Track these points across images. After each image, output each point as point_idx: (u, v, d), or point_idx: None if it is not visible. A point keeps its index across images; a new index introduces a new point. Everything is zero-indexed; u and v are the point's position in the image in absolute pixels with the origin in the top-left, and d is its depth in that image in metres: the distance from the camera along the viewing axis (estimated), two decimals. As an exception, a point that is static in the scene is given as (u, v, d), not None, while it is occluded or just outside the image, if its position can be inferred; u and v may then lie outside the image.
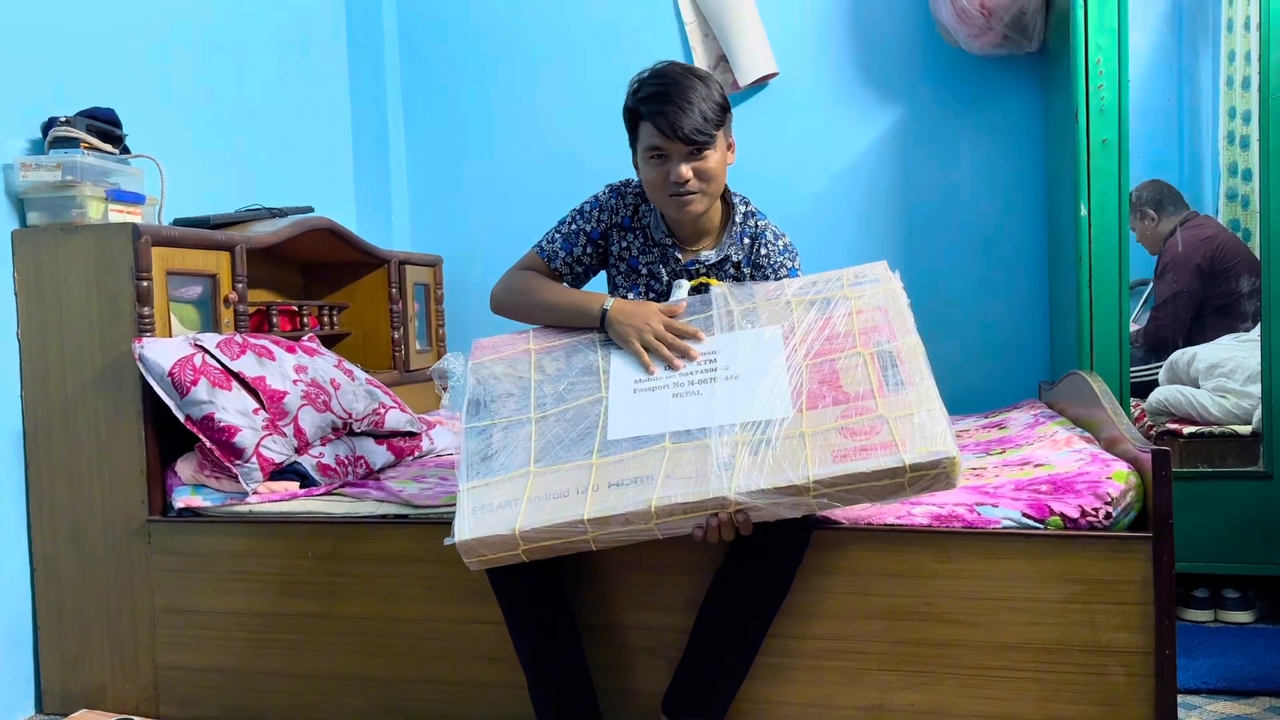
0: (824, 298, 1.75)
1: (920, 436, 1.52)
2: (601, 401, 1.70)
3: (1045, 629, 1.66)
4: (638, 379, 1.72)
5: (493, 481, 1.62)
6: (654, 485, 1.54)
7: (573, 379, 1.75)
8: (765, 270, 1.90)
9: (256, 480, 2.03)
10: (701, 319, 1.78)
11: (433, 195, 3.60)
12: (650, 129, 1.77)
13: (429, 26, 3.56)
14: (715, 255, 1.90)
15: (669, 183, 1.78)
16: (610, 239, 1.95)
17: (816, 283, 1.78)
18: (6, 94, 2.09)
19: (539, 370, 1.79)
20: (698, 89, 1.76)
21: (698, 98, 1.75)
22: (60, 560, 2.11)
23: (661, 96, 1.75)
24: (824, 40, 3.27)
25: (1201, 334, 2.84)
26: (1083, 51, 2.49)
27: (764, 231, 1.91)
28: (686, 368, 1.71)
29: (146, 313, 2.05)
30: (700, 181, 1.79)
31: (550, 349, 1.82)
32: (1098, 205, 2.50)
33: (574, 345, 1.81)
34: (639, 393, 1.69)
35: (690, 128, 1.73)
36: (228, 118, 2.80)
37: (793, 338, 1.70)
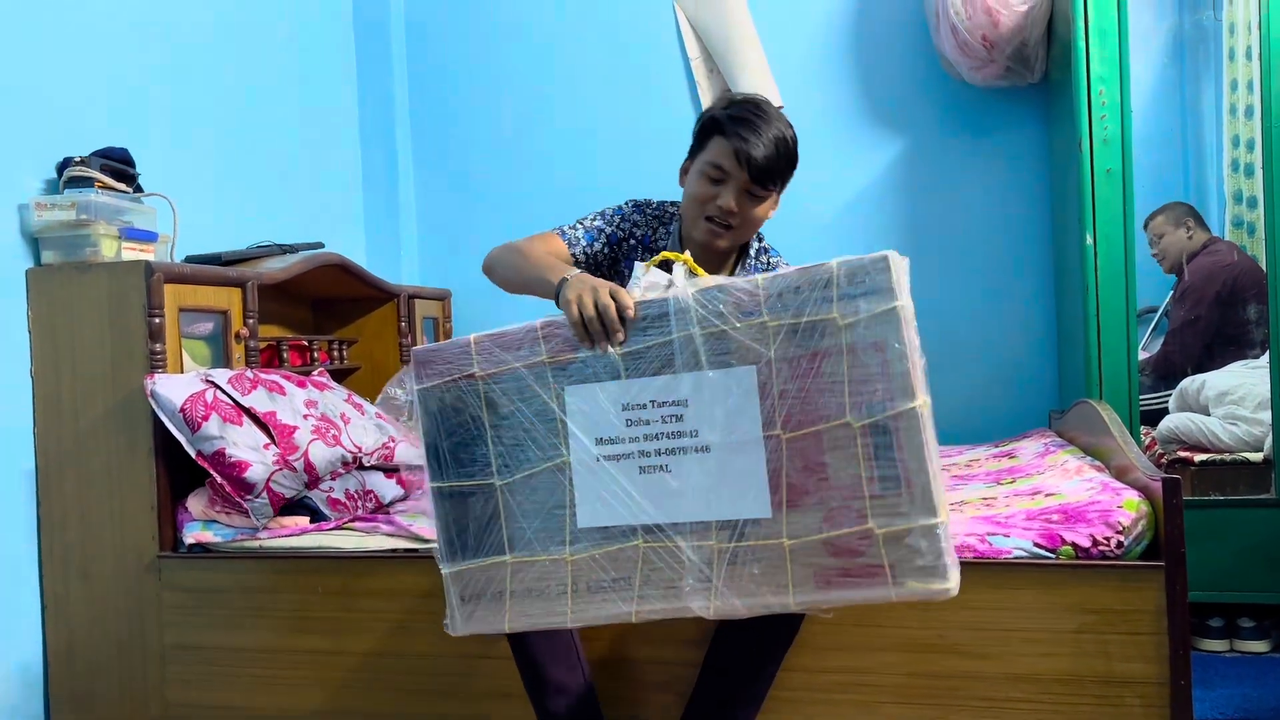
0: (808, 322, 1.37)
1: (914, 567, 1.32)
2: (565, 471, 1.50)
3: (1058, 660, 1.65)
4: (599, 437, 1.48)
5: (473, 567, 1.55)
6: (632, 592, 1.47)
7: (528, 427, 1.53)
8: None
9: (267, 515, 2.04)
10: (659, 346, 1.45)
11: (441, 230, 3.63)
12: (724, 147, 1.73)
13: (437, 65, 3.60)
14: None
15: (713, 205, 1.75)
16: (625, 251, 1.92)
17: (800, 289, 1.38)
18: (23, 135, 2.12)
19: (490, 409, 1.55)
20: (785, 137, 1.74)
21: (781, 144, 1.73)
22: (71, 598, 2.12)
23: (751, 124, 1.72)
24: (827, 74, 3.30)
25: (1211, 361, 2.84)
26: (1085, 82, 2.51)
27: (776, 267, 1.88)
28: (652, 425, 1.45)
29: (158, 349, 2.06)
30: (738, 221, 1.76)
31: (497, 376, 1.54)
32: (1103, 235, 2.51)
33: (521, 378, 1.53)
34: (602, 462, 1.48)
35: (764, 164, 1.71)
36: (239, 156, 2.84)
37: (770, 391, 1.39)
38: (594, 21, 3.47)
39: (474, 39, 3.58)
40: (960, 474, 2.48)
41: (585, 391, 1.49)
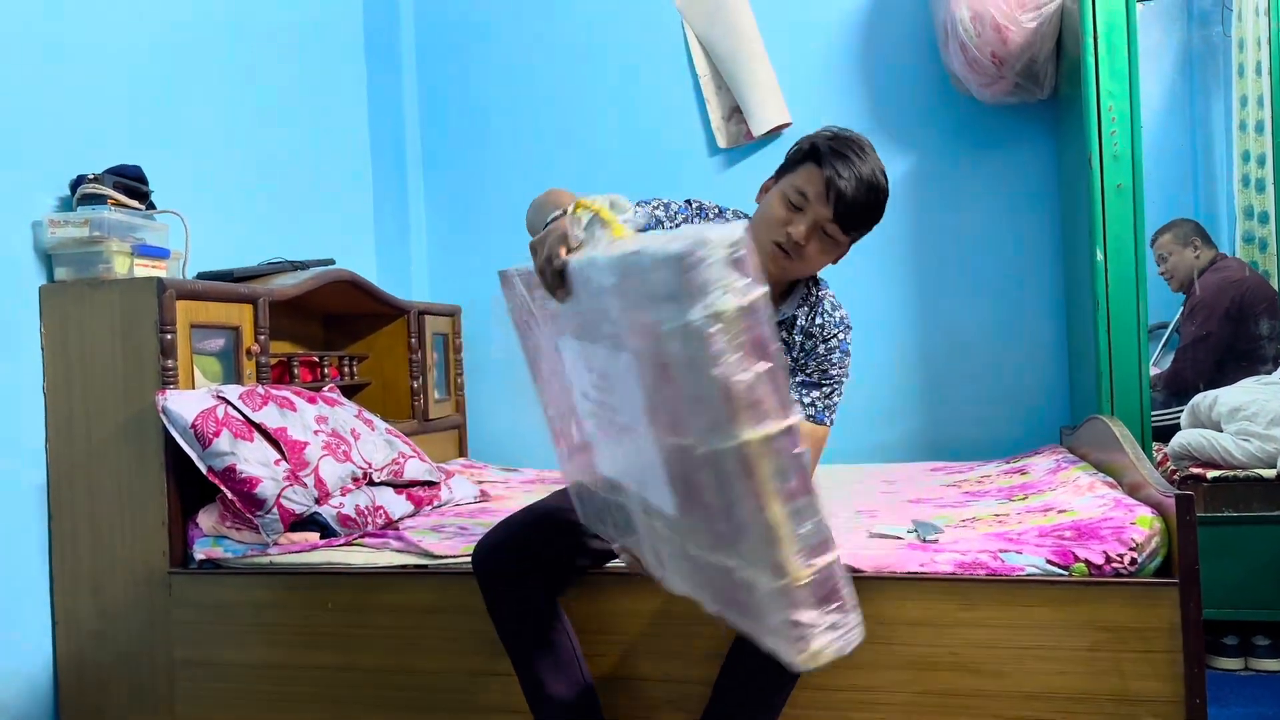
0: (645, 320, 1.07)
1: (767, 628, 1.10)
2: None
3: (1072, 678, 1.64)
4: (583, 391, 1.36)
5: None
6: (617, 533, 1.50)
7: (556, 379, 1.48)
8: (817, 339, 1.77)
9: (277, 531, 2.04)
10: (589, 311, 1.25)
11: (451, 246, 3.64)
12: (814, 174, 1.62)
13: (447, 83, 3.63)
14: (778, 314, 1.76)
15: (783, 230, 1.63)
16: None
17: (638, 271, 1.06)
18: (37, 153, 2.14)
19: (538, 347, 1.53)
20: (878, 185, 1.64)
21: (873, 189, 1.63)
22: (81, 613, 2.12)
23: (849, 160, 1.62)
24: (836, 91, 3.31)
25: (1223, 377, 2.83)
26: (1094, 98, 2.51)
27: (822, 301, 1.80)
28: (600, 390, 1.30)
29: (170, 365, 2.07)
30: (801, 254, 1.64)
31: (530, 320, 1.52)
32: (1114, 250, 2.50)
33: (537, 326, 1.49)
34: (587, 413, 1.39)
35: (850, 202, 1.60)
36: (251, 173, 2.85)
37: (645, 383, 1.15)
38: (603, 40, 3.49)
39: (483, 57, 3.60)
40: (972, 490, 2.47)
41: (565, 347, 1.39)
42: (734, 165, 3.37)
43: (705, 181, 3.32)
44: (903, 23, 3.25)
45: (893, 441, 3.23)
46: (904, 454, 3.20)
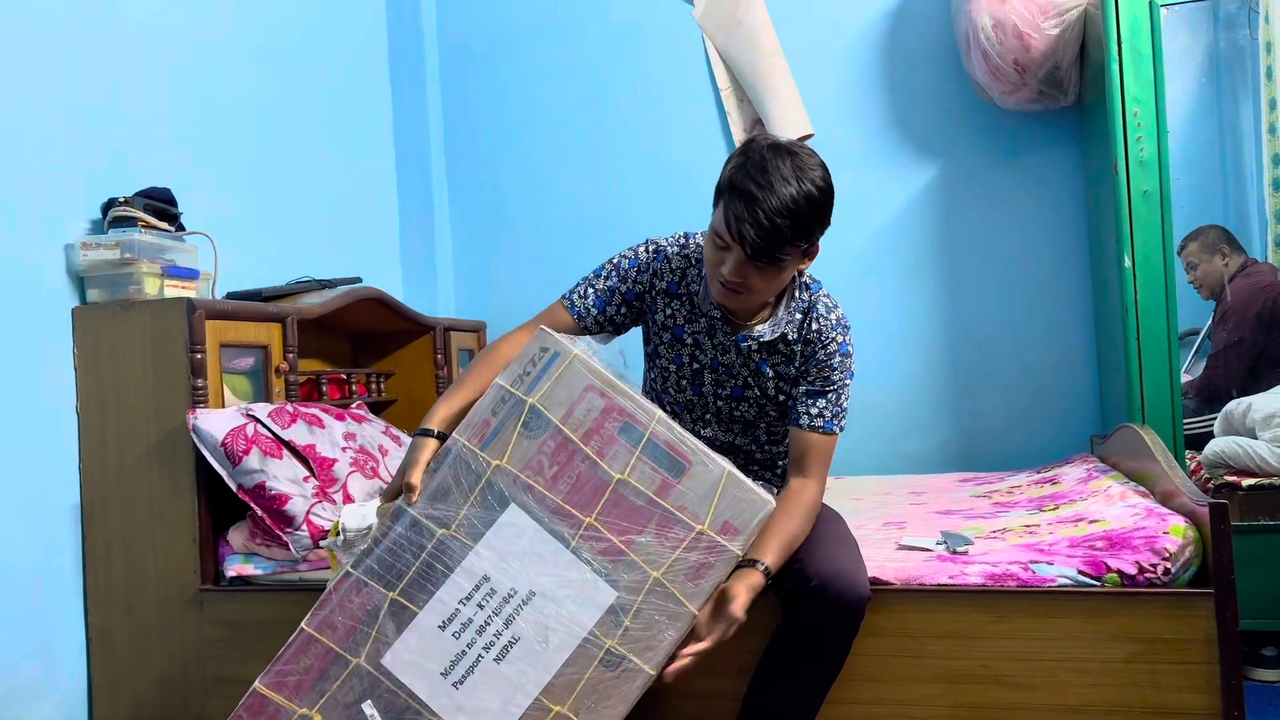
0: (514, 421, 1.49)
1: (739, 508, 1.49)
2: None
3: (1107, 690, 1.62)
4: (443, 670, 1.47)
5: None
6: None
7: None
8: (815, 344, 1.73)
9: (306, 547, 2.05)
10: (424, 559, 1.48)
11: (476, 263, 3.66)
12: (722, 216, 1.56)
13: (470, 101, 3.66)
14: (770, 332, 1.73)
15: (718, 269, 1.60)
16: (650, 304, 1.79)
17: (495, 409, 1.50)
18: (69, 177, 2.18)
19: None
20: (786, 198, 1.51)
21: (781, 210, 1.50)
22: (115, 631, 2.14)
23: (746, 196, 1.52)
24: (858, 101, 3.31)
25: (1256, 384, 2.79)
26: (1119, 104, 2.49)
27: (816, 304, 1.75)
28: (476, 617, 1.46)
29: (200, 384, 2.09)
30: (748, 284, 1.60)
31: (324, 705, 1.51)
32: (1142, 257, 2.48)
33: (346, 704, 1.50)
34: (462, 684, 1.47)
35: (757, 244, 1.52)
36: (279, 193, 2.89)
37: (543, 506, 1.48)
38: (624, 55, 3.51)
39: (506, 75, 3.63)
40: (1002, 501, 2.45)
41: (398, 649, 1.48)
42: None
43: (728, 194, 3.33)
44: (924, 31, 3.24)
45: (921, 452, 3.21)
46: (933, 465, 3.18)
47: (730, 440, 1.84)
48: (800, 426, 1.74)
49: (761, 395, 1.79)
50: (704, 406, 1.83)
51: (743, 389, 1.80)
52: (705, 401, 1.82)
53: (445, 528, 1.49)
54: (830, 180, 1.58)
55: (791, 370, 1.78)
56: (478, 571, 1.48)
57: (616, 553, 1.48)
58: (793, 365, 1.77)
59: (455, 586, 1.48)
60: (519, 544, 1.48)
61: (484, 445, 1.50)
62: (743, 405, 1.81)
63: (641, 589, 1.47)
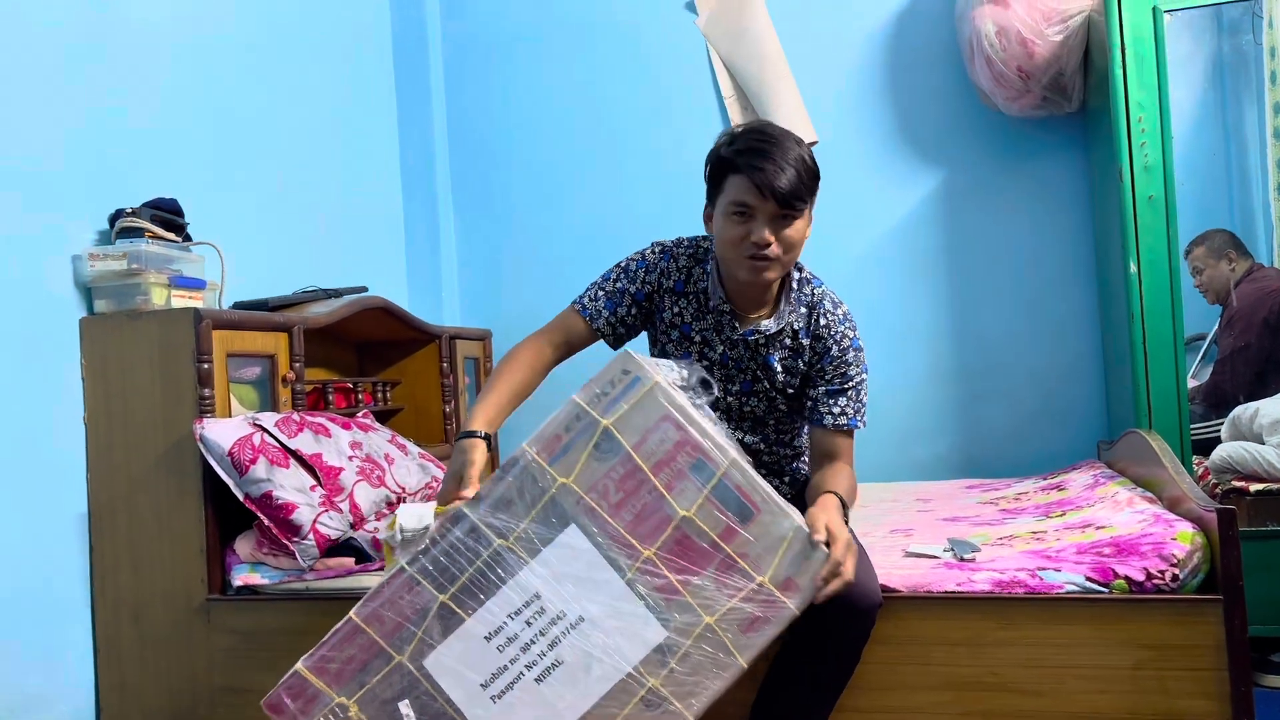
0: (586, 441, 1.47)
1: (804, 565, 1.45)
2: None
3: (1116, 697, 1.61)
4: (483, 682, 1.47)
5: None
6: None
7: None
8: (826, 340, 1.77)
9: (313, 556, 2.05)
10: (478, 569, 1.48)
11: (481, 271, 3.67)
12: (743, 183, 1.65)
13: (475, 108, 3.67)
14: (774, 325, 1.78)
15: (748, 243, 1.67)
16: (658, 303, 1.84)
17: (569, 425, 1.48)
18: (77, 188, 2.19)
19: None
20: (795, 151, 1.66)
21: (796, 160, 1.65)
22: (122, 640, 2.14)
23: (761, 152, 1.64)
24: (862, 108, 3.31)
25: (1263, 389, 2.78)
26: (1123, 110, 2.49)
27: (822, 300, 1.80)
28: (521, 634, 1.46)
29: (207, 394, 2.10)
30: (780, 248, 1.68)
31: (361, 698, 1.50)
32: (1147, 262, 2.48)
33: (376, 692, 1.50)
34: (501, 698, 1.46)
35: (788, 189, 1.62)
36: (285, 203, 2.90)
37: (603, 531, 1.46)
38: (628, 62, 3.52)
39: (511, 85, 3.64)
40: (1009, 507, 2.44)
41: (441, 653, 1.48)
42: (761, 185, 3.38)
43: (733, 201, 3.33)
44: (927, 38, 3.25)
45: (928, 459, 3.20)
46: (940, 472, 3.18)
47: (740, 438, 1.85)
48: (825, 427, 1.76)
49: (771, 388, 1.82)
50: (713, 404, 1.83)
51: (751, 383, 1.83)
52: (715, 398, 1.83)
53: (504, 539, 1.47)
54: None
55: (800, 365, 1.80)
56: (530, 588, 1.46)
57: (672, 591, 1.45)
58: (801, 359, 1.80)
59: (506, 599, 1.46)
60: (574, 566, 1.45)
61: (553, 460, 1.47)
62: (752, 400, 1.83)
63: (692, 632, 1.44)
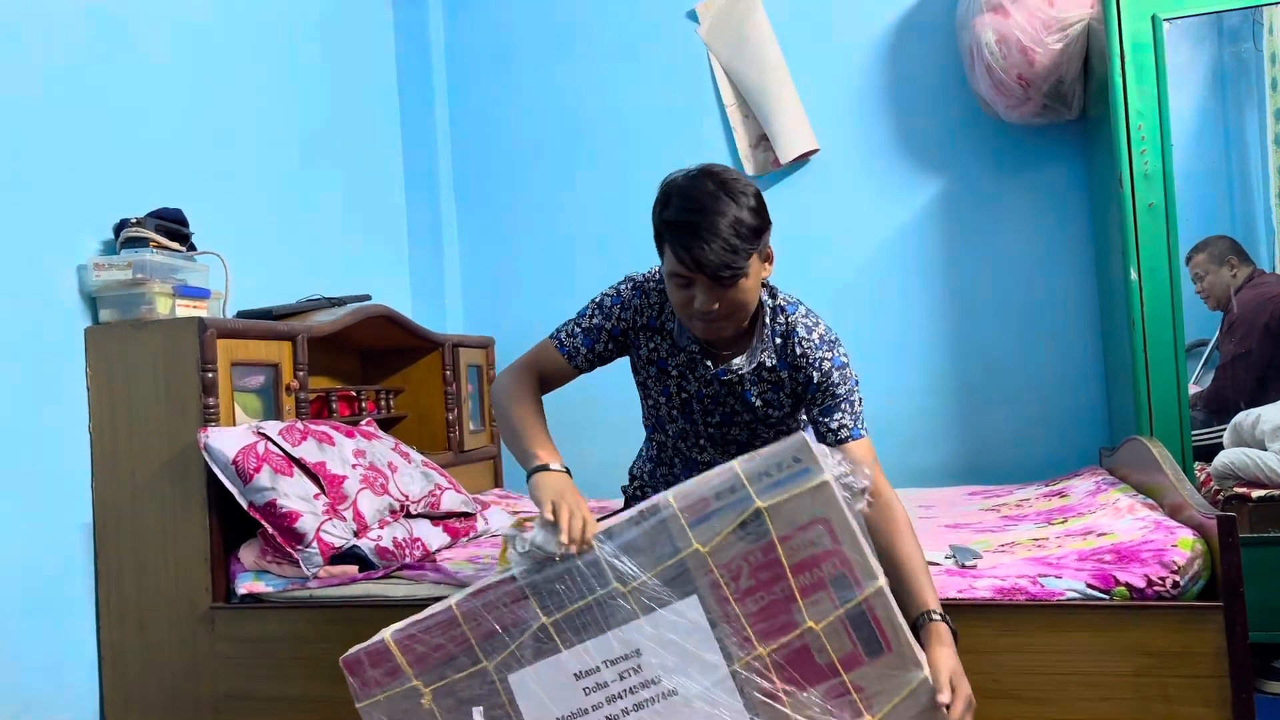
0: (734, 515, 1.39)
1: (914, 717, 1.37)
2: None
3: (1117, 704, 1.62)
4: (560, 716, 1.43)
5: None
6: None
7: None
8: (806, 370, 1.70)
9: (317, 565, 2.06)
10: (590, 604, 1.43)
11: (484, 279, 3.68)
12: (674, 257, 1.57)
13: (478, 118, 3.68)
14: (747, 364, 1.72)
15: (691, 307, 1.60)
16: (633, 339, 1.79)
17: (720, 494, 1.41)
18: (82, 198, 2.20)
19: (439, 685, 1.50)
20: (728, 213, 1.54)
21: (727, 225, 1.53)
22: (127, 648, 2.15)
23: (688, 227, 1.54)
24: (863, 116, 3.32)
25: (1265, 395, 2.78)
26: (1123, 117, 2.50)
27: (795, 328, 1.71)
28: (611, 685, 1.42)
29: (211, 403, 2.11)
30: (727, 309, 1.59)
31: (438, 689, 1.49)
32: (1148, 269, 2.48)
33: (456, 687, 1.48)
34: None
35: (718, 263, 1.52)
36: (288, 212, 2.91)
37: (724, 614, 1.40)
38: (630, 70, 3.53)
39: (513, 92, 3.65)
40: (1011, 514, 2.45)
41: (528, 674, 1.45)
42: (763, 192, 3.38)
43: (734, 209, 3.34)
44: (928, 46, 3.26)
45: (929, 466, 3.21)
46: (941, 478, 3.18)
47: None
48: (830, 445, 1.69)
49: (753, 420, 1.78)
50: (696, 433, 1.83)
51: (731, 415, 1.79)
52: (697, 429, 1.82)
53: (623, 584, 1.42)
54: (754, 184, 1.63)
55: (782, 397, 1.75)
56: (633, 643, 1.41)
57: (774, 698, 1.38)
58: (782, 391, 1.75)
59: (605, 646, 1.42)
60: (684, 637, 1.40)
61: (694, 523, 1.41)
62: (733, 430, 1.81)
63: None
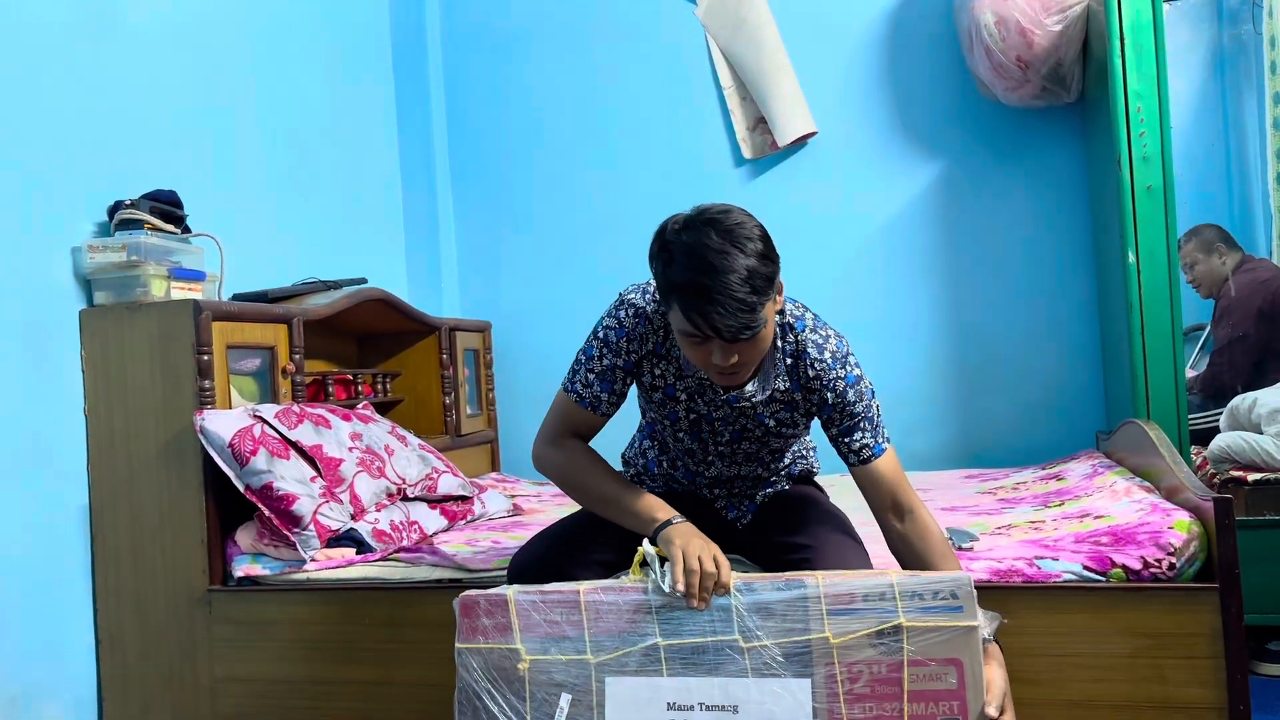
0: (874, 622, 1.41)
1: None
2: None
3: (1113, 685, 1.62)
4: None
5: None
6: None
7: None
8: (821, 391, 1.63)
9: (314, 547, 2.06)
10: (711, 644, 1.45)
11: (481, 263, 3.67)
12: (686, 321, 1.46)
13: (475, 101, 3.66)
14: (760, 393, 1.64)
15: (709, 364, 1.51)
16: (641, 367, 1.70)
17: (867, 596, 1.42)
18: (76, 181, 2.19)
19: (531, 695, 1.52)
20: (739, 268, 1.42)
21: (739, 282, 1.42)
22: (124, 631, 2.15)
23: (699, 292, 1.43)
24: (862, 99, 3.31)
25: (1262, 379, 2.79)
26: (1122, 100, 2.49)
27: (805, 347, 1.63)
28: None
29: (207, 386, 2.10)
30: (746, 359, 1.51)
31: (537, 664, 1.52)
32: (1145, 252, 2.48)
33: (556, 664, 1.51)
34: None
35: (736, 327, 1.43)
36: (284, 195, 2.90)
37: (826, 704, 1.41)
38: (627, 53, 3.51)
39: (509, 75, 3.63)
40: (1007, 497, 2.45)
41: (623, 686, 1.46)
42: (759, 176, 3.38)
43: (731, 193, 3.33)
44: (926, 29, 3.24)
45: (927, 450, 3.21)
46: (938, 462, 3.19)
47: (736, 472, 1.81)
48: (853, 465, 1.66)
49: (765, 434, 1.73)
50: (705, 451, 1.77)
51: (741, 433, 1.74)
52: (707, 447, 1.76)
53: (745, 640, 1.43)
54: (755, 220, 1.51)
55: (796, 416, 1.70)
56: (735, 698, 1.43)
57: None
58: (796, 411, 1.70)
59: (707, 689, 1.44)
60: (784, 715, 1.41)
61: (833, 612, 1.42)
62: (745, 444, 1.75)
63: None
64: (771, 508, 1.82)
